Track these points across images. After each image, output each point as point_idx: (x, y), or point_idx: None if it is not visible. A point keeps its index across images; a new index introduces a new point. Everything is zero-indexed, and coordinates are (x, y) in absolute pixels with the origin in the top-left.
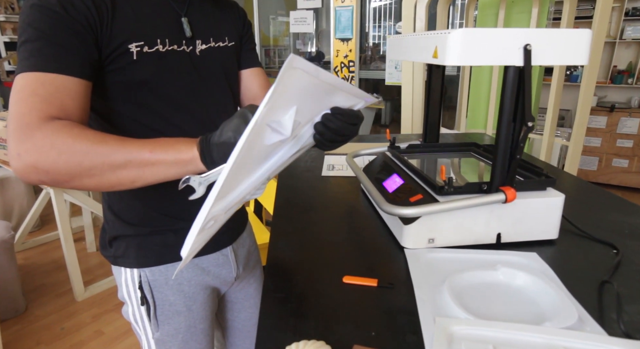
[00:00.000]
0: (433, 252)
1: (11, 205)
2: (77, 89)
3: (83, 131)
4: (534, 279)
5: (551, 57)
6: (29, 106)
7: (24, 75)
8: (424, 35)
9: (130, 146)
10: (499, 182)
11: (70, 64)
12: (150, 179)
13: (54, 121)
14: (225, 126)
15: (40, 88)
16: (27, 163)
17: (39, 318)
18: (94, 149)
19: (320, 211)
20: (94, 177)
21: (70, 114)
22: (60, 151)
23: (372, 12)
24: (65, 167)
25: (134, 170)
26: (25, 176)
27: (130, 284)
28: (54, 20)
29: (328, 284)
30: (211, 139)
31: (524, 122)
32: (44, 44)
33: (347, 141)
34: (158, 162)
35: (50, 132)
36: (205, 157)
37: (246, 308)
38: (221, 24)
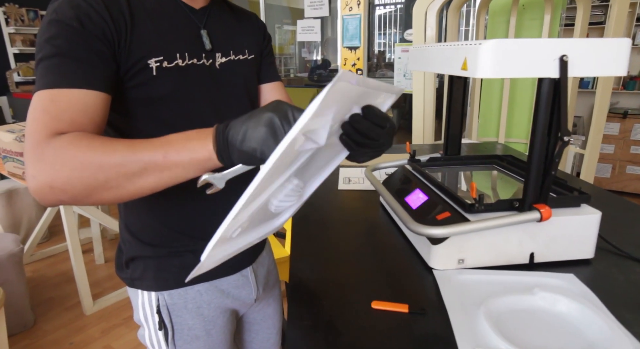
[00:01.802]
0: (464, 274)
1: (20, 216)
2: (91, 102)
3: (90, 141)
4: (577, 305)
5: (589, 68)
6: (40, 124)
7: (39, 93)
8: (451, 46)
9: (141, 151)
10: (532, 200)
11: (85, 77)
12: (170, 182)
13: (61, 135)
14: (249, 132)
15: (51, 105)
16: (43, 184)
17: (48, 333)
18: (106, 161)
19: (339, 227)
20: (112, 189)
21: (81, 129)
22: (72, 167)
23: (376, 19)
24: (81, 183)
25: (151, 176)
26: (44, 198)
27: (147, 308)
28: (71, 35)
29: (356, 311)
30: (230, 138)
31: (559, 137)
32: (60, 60)
33: (380, 149)
34: (174, 166)
35: (58, 148)
36: (223, 158)
37: (264, 328)
38: (241, 36)
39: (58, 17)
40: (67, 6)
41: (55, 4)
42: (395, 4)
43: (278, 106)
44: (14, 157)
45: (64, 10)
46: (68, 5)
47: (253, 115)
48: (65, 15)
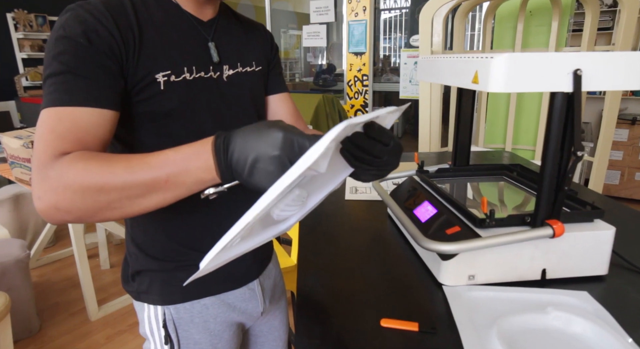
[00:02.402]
0: (474, 290)
1: (27, 221)
2: (97, 120)
3: (91, 163)
4: (592, 325)
5: (603, 82)
6: (45, 144)
7: (46, 110)
8: (462, 58)
9: (142, 174)
10: (544, 215)
11: (92, 95)
12: (174, 200)
13: (63, 156)
14: (259, 171)
15: (57, 124)
16: (48, 205)
17: (53, 339)
18: (107, 184)
19: (346, 239)
20: (116, 209)
21: (86, 147)
22: (74, 189)
23: (382, 23)
24: (84, 205)
25: (154, 197)
26: (50, 218)
27: (153, 322)
28: (78, 51)
29: (365, 328)
30: (234, 167)
31: (573, 152)
32: (67, 77)
33: (385, 168)
34: (177, 187)
35: (60, 170)
36: (226, 179)
37: (270, 340)
38: (248, 48)
39: (65, 33)
40: (75, 21)
41: (63, 19)
42: (401, 8)
43: (286, 141)
44: (22, 164)
45: (71, 26)
46: (75, 21)
47: (259, 146)
48: (72, 31)
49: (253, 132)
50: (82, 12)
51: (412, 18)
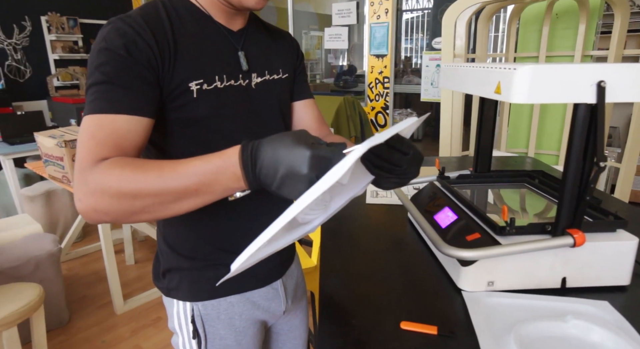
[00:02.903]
0: (493, 297)
1: (57, 216)
2: (134, 127)
3: (126, 170)
4: (611, 335)
5: (627, 93)
6: (86, 149)
7: (88, 117)
8: (485, 68)
9: (174, 182)
10: (565, 225)
11: (131, 104)
12: (202, 205)
13: (102, 162)
14: (288, 186)
15: (98, 131)
16: (88, 207)
17: (81, 330)
18: (142, 191)
19: (367, 242)
20: (149, 213)
21: (124, 154)
22: (111, 194)
23: (403, 23)
24: (120, 209)
25: (185, 203)
26: (89, 218)
27: (182, 317)
28: (119, 63)
29: (385, 330)
30: (263, 180)
31: (596, 162)
32: (108, 87)
33: (406, 176)
34: (207, 194)
35: (98, 175)
36: (254, 189)
37: (291, 339)
38: (276, 56)
39: (107, 45)
40: (115, 34)
41: (105, 31)
42: (423, 9)
43: (314, 158)
44: (55, 162)
45: (113, 38)
46: (116, 33)
47: (287, 161)
48: (113, 43)
49: (281, 147)
50: (122, 25)
51: (434, 19)
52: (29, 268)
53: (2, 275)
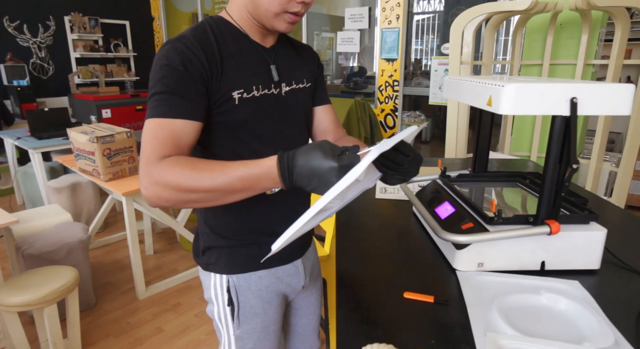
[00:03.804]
0: (482, 275)
1: (81, 208)
2: (188, 130)
3: (184, 169)
4: (575, 304)
5: (595, 108)
6: (151, 147)
7: (151, 120)
8: (480, 83)
9: (223, 182)
10: (544, 216)
11: (186, 110)
12: (246, 198)
13: (165, 159)
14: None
15: (160, 132)
16: (152, 194)
17: (107, 313)
18: (197, 187)
19: (377, 231)
20: (201, 203)
21: (181, 151)
22: (171, 187)
23: (414, 26)
24: (178, 198)
25: (229, 198)
26: (152, 203)
27: (218, 288)
28: (177, 76)
29: (391, 298)
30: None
31: (569, 164)
32: (169, 96)
33: (408, 174)
34: (249, 192)
35: (163, 170)
36: (287, 186)
37: (307, 314)
38: (301, 68)
39: (168, 62)
40: (174, 53)
41: (165, 50)
42: (434, 12)
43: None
44: (86, 156)
45: (172, 56)
46: (175, 52)
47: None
48: (173, 60)
49: (312, 160)
50: (179, 45)
51: (444, 22)
52: (62, 253)
53: (39, 259)
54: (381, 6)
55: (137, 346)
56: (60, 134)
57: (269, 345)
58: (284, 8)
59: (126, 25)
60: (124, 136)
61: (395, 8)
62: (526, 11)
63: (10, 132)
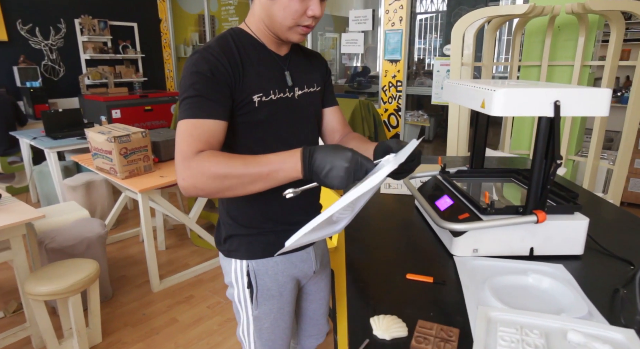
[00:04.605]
0: (477, 260)
1: (95, 205)
2: (218, 128)
3: (220, 159)
4: (557, 283)
5: (576, 110)
6: (187, 143)
7: (184, 121)
8: (475, 87)
9: (253, 168)
10: (532, 206)
11: (215, 111)
12: (269, 188)
13: (201, 153)
14: (333, 172)
15: (194, 130)
16: (189, 184)
17: (124, 304)
18: (230, 173)
19: (381, 222)
20: (232, 190)
21: (212, 147)
22: (208, 176)
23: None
24: (214, 186)
25: (258, 184)
26: (188, 193)
27: (239, 272)
28: (206, 82)
29: (395, 278)
30: (315, 169)
31: (553, 160)
32: (200, 99)
33: (413, 170)
34: (274, 179)
35: (200, 162)
36: (305, 177)
37: (317, 299)
38: (311, 73)
39: (197, 69)
40: (203, 61)
41: (194, 59)
42: (437, 12)
43: (354, 158)
44: (104, 155)
45: (201, 64)
46: (203, 60)
47: (335, 157)
48: (201, 68)
49: (331, 150)
50: (207, 54)
51: (447, 22)
52: (82, 247)
53: (61, 252)
54: (384, 8)
55: (153, 335)
56: (74, 134)
57: (283, 325)
58: (296, 22)
59: (134, 27)
60: (139, 136)
61: (399, 10)
62: (524, 15)
63: (25, 133)
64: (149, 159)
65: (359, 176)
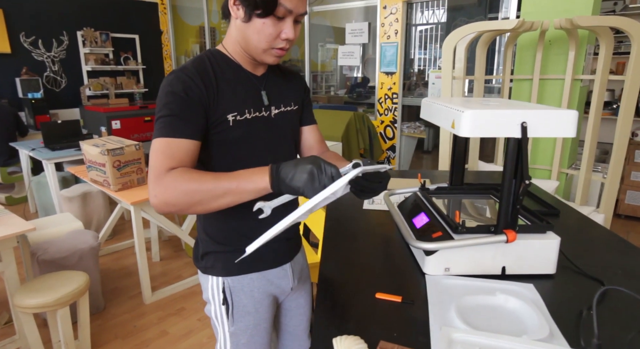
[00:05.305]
0: (448, 279)
1: (91, 216)
2: (190, 147)
3: (191, 175)
4: (522, 303)
5: (544, 131)
6: (159, 161)
7: (157, 140)
8: (447, 107)
9: (222, 182)
10: (503, 226)
11: (187, 131)
12: (239, 202)
13: (173, 170)
14: (297, 175)
15: (166, 149)
16: (160, 201)
17: (115, 316)
18: (201, 188)
19: (361, 239)
20: (203, 205)
21: (185, 165)
22: (179, 191)
23: (417, 36)
24: (185, 201)
25: (228, 198)
26: (160, 209)
27: (215, 289)
28: (179, 102)
29: (364, 298)
30: (281, 176)
31: (522, 180)
32: (172, 119)
33: (378, 192)
34: (243, 191)
35: (172, 178)
36: (274, 188)
37: (297, 315)
38: (288, 92)
39: (172, 89)
40: (177, 81)
41: (169, 79)
42: (436, 24)
43: (316, 161)
44: (98, 167)
45: (175, 84)
46: (178, 80)
47: (299, 163)
48: (176, 88)
49: (296, 160)
50: (181, 75)
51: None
52: (74, 259)
53: (53, 264)
54: (380, 21)
55: (143, 348)
56: (72, 145)
57: (260, 341)
58: (270, 45)
59: (136, 39)
60: (132, 149)
61: (394, 23)
62: (514, 30)
63: (25, 143)
64: (142, 172)
65: (324, 180)
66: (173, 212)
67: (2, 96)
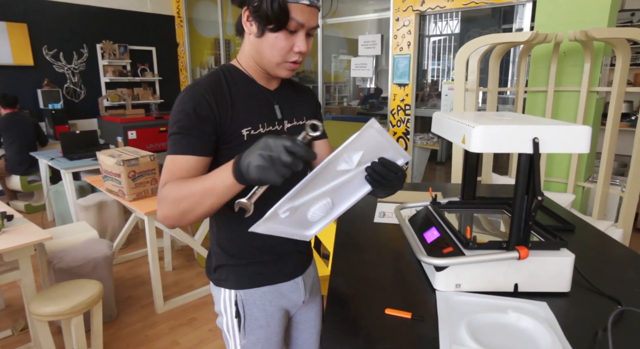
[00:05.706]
0: (459, 295)
1: (106, 225)
2: (196, 164)
3: (177, 184)
4: (536, 322)
5: (556, 147)
6: (162, 178)
7: (168, 157)
8: (457, 122)
9: (197, 185)
10: (515, 242)
11: (194, 148)
12: (219, 202)
13: (167, 184)
14: (250, 167)
15: (172, 166)
16: (159, 216)
17: (128, 325)
18: (182, 195)
19: (371, 253)
20: (192, 212)
21: None
22: (169, 202)
23: (431, 46)
24: (176, 211)
25: (207, 201)
26: (163, 224)
27: (227, 301)
28: (190, 120)
29: (373, 313)
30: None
31: (534, 196)
32: (182, 136)
33: (394, 188)
34: (217, 191)
35: (164, 192)
36: (240, 181)
37: (307, 328)
38: (300, 106)
39: (183, 107)
40: (188, 99)
41: (182, 96)
42: (451, 34)
43: (265, 140)
44: (113, 178)
45: (186, 103)
46: (189, 98)
47: (251, 150)
48: (186, 106)
49: (252, 146)
50: (193, 92)
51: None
52: (89, 267)
53: (68, 272)
54: (393, 33)
55: None
56: (90, 155)
57: None
58: (284, 58)
59: (152, 51)
60: (147, 159)
61: (407, 35)
62: (527, 42)
63: (44, 153)
64: (156, 182)
65: (280, 157)
66: (176, 225)
67: (24, 107)
